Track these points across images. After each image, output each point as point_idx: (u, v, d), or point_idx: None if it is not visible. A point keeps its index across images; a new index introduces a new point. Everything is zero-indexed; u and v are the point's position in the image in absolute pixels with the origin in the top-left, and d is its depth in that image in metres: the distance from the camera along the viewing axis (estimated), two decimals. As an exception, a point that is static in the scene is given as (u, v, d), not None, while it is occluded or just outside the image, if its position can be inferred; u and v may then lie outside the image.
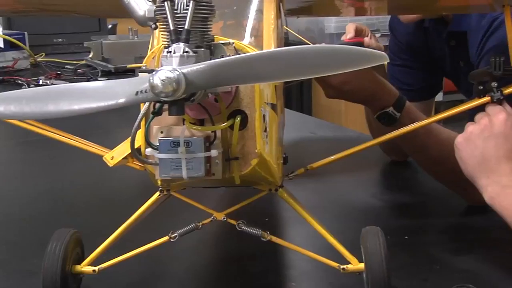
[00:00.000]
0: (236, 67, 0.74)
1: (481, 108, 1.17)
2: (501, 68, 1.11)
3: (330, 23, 3.88)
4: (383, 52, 0.72)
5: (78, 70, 3.03)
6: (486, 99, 1.14)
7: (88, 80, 2.79)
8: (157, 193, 1.04)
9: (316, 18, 3.80)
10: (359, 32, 1.55)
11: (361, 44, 1.49)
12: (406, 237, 1.29)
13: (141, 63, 0.89)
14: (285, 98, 1.32)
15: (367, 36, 1.55)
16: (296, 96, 4.20)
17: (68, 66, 3.13)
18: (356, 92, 1.34)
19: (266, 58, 0.74)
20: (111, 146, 1.09)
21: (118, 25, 3.57)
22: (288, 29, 2.20)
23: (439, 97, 3.48)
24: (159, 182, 0.98)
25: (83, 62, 3.10)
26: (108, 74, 2.87)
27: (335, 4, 1.37)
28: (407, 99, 1.39)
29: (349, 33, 1.52)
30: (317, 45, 0.73)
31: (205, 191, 1.13)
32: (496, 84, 1.13)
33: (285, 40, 3.50)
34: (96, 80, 2.75)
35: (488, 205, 1.12)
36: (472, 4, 1.35)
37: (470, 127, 1.14)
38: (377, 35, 1.96)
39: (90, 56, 2.97)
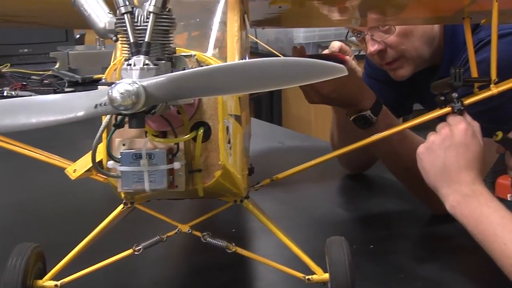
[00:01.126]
0: (196, 79, 0.74)
1: (443, 118, 1.18)
2: (461, 79, 1.13)
3: (299, 33, 3.91)
4: (343, 66, 0.72)
5: (45, 81, 2.99)
6: (447, 109, 1.16)
7: (54, 91, 2.76)
8: (121, 206, 1.03)
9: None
10: (343, 51, 1.56)
11: (340, 61, 1.49)
12: (371, 246, 1.30)
13: None
14: (255, 108, 1.33)
15: (347, 54, 1.56)
16: (266, 107, 4.21)
17: (34, 77, 3.09)
18: (341, 97, 1.35)
19: (226, 70, 0.75)
20: (77, 158, 1.08)
21: (86, 35, 3.54)
22: (257, 40, 2.22)
23: (415, 107, 3.54)
24: (122, 195, 0.97)
25: (50, 72, 3.07)
26: (75, 85, 2.85)
27: (301, 16, 1.38)
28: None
29: (333, 48, 1.54)
30: (278, 57, 0.74)
31: (171, 202, 1.13)
32: (456, 95, 1.15)
33: (254, 50, 3.50)
34: (63, 90, 2.73)
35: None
36: (435, 16, 1.38)
37: (431, 137, 1.15)
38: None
39: (57, 66, 2.94)
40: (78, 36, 3.53)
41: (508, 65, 1.13)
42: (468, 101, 1.15)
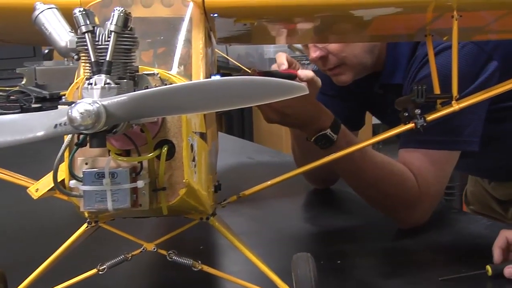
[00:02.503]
0: (158, 98, 0.74)
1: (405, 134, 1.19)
2: (423, 95, 1.15)
3: (270, 48, 3.93)
4: (302, 84, 0.73)
5: (11, 97, 2.95)
6: (410, 125, 1.18)
7: (21, 107, 2.72)
8: (85, 225, 1.02)
9: (254, 43, 3.85)
10: (289, 64, 1.58)
11: (295, 77, 1.50)
12: (338, 261, 1.31)
13: None
14: (227, 123, 1.33)
15: (296, 68, 1.57)
16: (238, 122, 4.22)
17: (0, 93, 3.05)
18: (297, 115, 1.35)
19: (188, 89, 0.75)
20: (45, 175, 1.06)
21: (55, 51, 3.50)
22: (227, 56, 2.23)
23: (377, 119, 3.57)
24: (86, 214, 0.96)
25: (16, 88, 3.03)
26: (43, 101, 2.82)
27: (267, 33, 1.39)
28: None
29: (282, 64, 1.55)
30: (240, 77, 0.74)
31: (137, 221, 1.12)
32: (419, 111, 1.16)
33: (225, 65, 3.49)
34: (30, 106, 2.70)
35: (417, 228, 1.12)
36: (398, 33, 1.40)
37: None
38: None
39: (23, 82, 2.91)
40: (46, 51, 3.50)
41: (443, 79, 1.16)
42: (431, 117, 1.17)
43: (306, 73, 1.52)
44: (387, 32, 1.37)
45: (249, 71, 1.46)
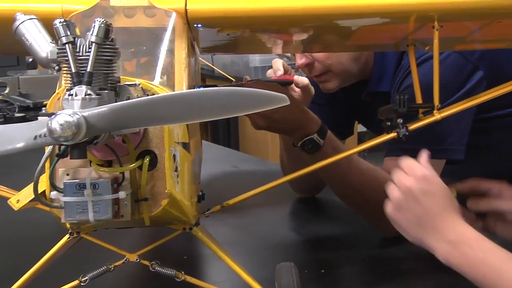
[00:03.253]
0: (139, 109, 0.74)
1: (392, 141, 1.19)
2: (405, 105, 1.15)
3: (255, 56, 3.94)
4: (284, 95, 0.73)
5: (-6, 106, 2.93)
6: (393, 134, 1.18)
7: (4, 116, 2.71)
8: (67, 236, 1.01)
9: (240, 52, 3.85)
10: (285, 71, 1.59)
11: (291, 83, 1.52)
12: (322, 270, 1.31)
13: None
14: (212, 132, 1.33)
15: (292, 75, 1.58)
16: (224, 130, 4.22)
17: (-16, 102, 3.02)
18: (285, 120, 1.35)
19: (170, 100, 0.75)
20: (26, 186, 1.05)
21: (38, 60, 3.48)
22: (211, 65, 2.23)
23: (363, 127, 3.58)
24: (67, 225, 0.95)
25: (0, 97, 3.00)
26: (27, 110, 2.79)
27: (251, 43, 1.40)
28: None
29: (279, 70, 1.56)
30: (220, 88, 0.74)
31: (119, 231, 1.11)
32: (401, 121, 1.17)
33: (211, 74, 3.49)
34: (13, 115, 2.68)
35: (401, 236, 1.12)
36: (381, 43, 1.41)
37: (394, 194, 1.09)
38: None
39: (6, 91, 2.89)
40: (30, 60, 3.47)
41: (427, 88, 1.17)
42: (413, 126, 1.18)
43: (301, 79, 1.54)
44: (370, 42, 1.38)
45: (234, 81, 1.47)
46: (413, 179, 1.07)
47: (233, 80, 1.60)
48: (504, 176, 1.29)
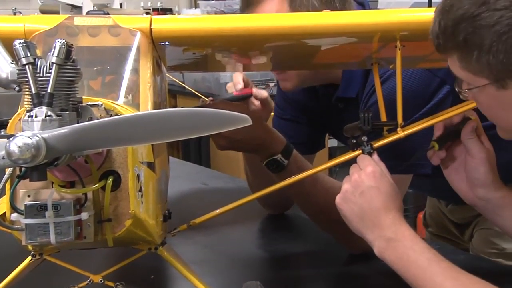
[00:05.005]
0: (100, 130, 0.74)
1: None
2: (369, 123, 1.17)
3: (226, 72, 3.95)
4: (246, 115, 0.74)
5: (-41, 124, 2.87)
6: (358, 152, 1.20)
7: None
8: (29, 258, 1.00)
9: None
10: (245, 84, 1.58)
11: (250, 96, 1.52)
12: (290, 288, 1.31)
13: None
14: (183, 150, 1.32)
15: (250, 87, 1.58)
16: (195, 148, 4.21)
17: None
18: (248, 140, 1.35)
19: (131, 121, 0.75)
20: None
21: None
22: (183, 84, 2.24)
23: (333, 142, 3.57)
24: (30, 247, 0.94)
25: (-35, 115, 2.95)
26: (-7, 127, 2.75)
27: (217, 61, 1.40)
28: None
29: (239, 84, 1.55)
30: (180, 109, 0.75)
31: (84, 251, 1.10)
32: (366, 138, 1.19)
33: (182, 90, 3.47)
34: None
35: (369, 252, 1.13)
36: (346, 61, 1.43)
37: (345, 185, 1.16)
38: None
39: (-28, 109, 2.84)
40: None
41: (392, 105, 1.19)
42: (377, 144, 1.19)
43: (261, 92, 1.54)
44: (335, 60, 1.40)
45: (207, 100, 1.47)
46: (363, 173, 1.14)
47: (202, 97, 1.60)
48: None
